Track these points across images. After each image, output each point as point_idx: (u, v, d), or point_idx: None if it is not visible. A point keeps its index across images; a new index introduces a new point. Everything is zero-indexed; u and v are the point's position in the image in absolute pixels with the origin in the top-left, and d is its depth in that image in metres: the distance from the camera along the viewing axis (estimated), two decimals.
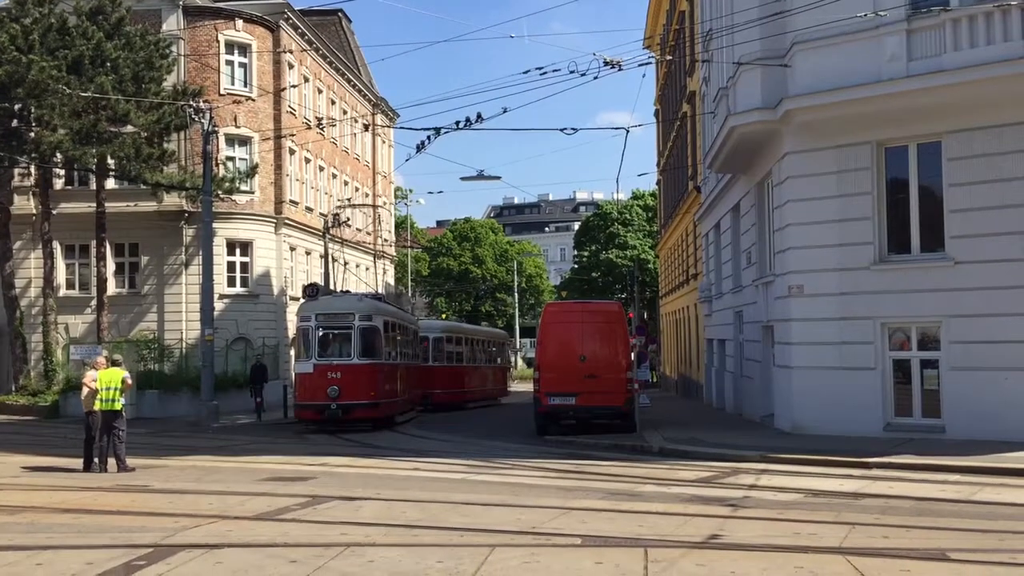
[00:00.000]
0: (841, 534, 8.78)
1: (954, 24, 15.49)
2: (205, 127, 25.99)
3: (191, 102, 27.08)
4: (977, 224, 15.66)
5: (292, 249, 37.18)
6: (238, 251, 34.05)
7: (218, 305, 29.87)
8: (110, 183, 31.17)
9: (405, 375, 26.78)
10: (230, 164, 32.70)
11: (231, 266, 33.85)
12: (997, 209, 15.45)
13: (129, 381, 15.68)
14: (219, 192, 28.98)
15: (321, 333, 23.03)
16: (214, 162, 27.66)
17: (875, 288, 16.66)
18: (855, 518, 9.67)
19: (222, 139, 32.16)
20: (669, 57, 36.26)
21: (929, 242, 16.48)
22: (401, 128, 37.02)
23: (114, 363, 15.81)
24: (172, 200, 32.30)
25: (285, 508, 10.75)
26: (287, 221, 36.12)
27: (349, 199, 43.50)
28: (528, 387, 48.87)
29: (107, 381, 15.16)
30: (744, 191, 22.41)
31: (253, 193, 34.00)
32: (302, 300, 24.95)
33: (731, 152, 20.21)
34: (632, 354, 20.93)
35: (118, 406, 15.17)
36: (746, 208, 22.42)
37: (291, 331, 36.20)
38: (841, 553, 7.97)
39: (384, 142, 51.63)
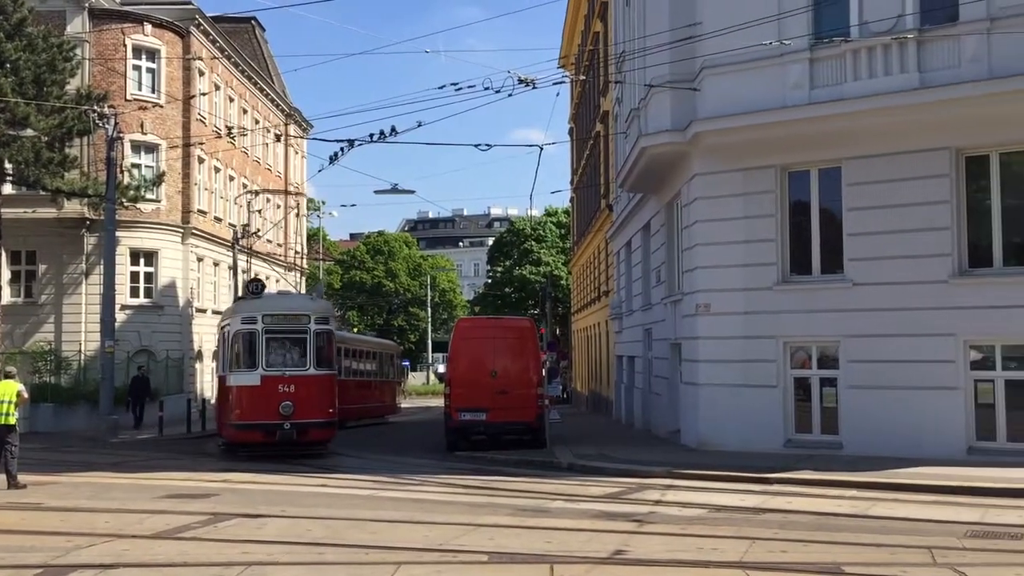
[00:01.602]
0: (742, 549, 8.96)
1: (854, 55, 16.11)
2: (110, 133, 25.29)
3: (95, 107, 26.30)
4: (873, 247, 16.26)
5: (199, 260, 36.33)
6: (142, 261, 33.11)
7: (120, 316, 28.94)
8: (7, 188, 29.93)
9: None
10: (136, 171, 31.81)
11: (135, 276, 32.87)
12: (892, 233, 16.06)
13: (25, 394, 15.12)
14: (123, 200, 28.12)
15: (269, 338, 19.58)
16: (118, 169, 26.89)
17: (778, 308, 17.12)
18: (755, 533, 9.89)
19: (128, 146, 31.25)
20: (583, 77, 36.78)
21: (829, 264, 17.04)
22: (315, 139, 36.59)
23: (7, 375, 15.21)
24: (73, 207, 31.22)
25: (185, 526, 10.47)
26: (195, 231, 35.30)
27: (260, 210, 42.74)
28: (428, 403, 48.61)
29: (0, 394, 14.55)
30: (654, 210, 22.82)
31: (159, 202, 33.16)
32: (240, 298, 20.94)
33: (642, 172, 20.57)
34: (543, 370, 21.08)
35: (12, 420, 14.58)
36: (656, 227, 22.83)
37: (198, 343, 35.38)
38: (741, 568, 8.15)
39: (297, 153, 50.97)
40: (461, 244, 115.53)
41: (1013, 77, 14.47)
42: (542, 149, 22.18)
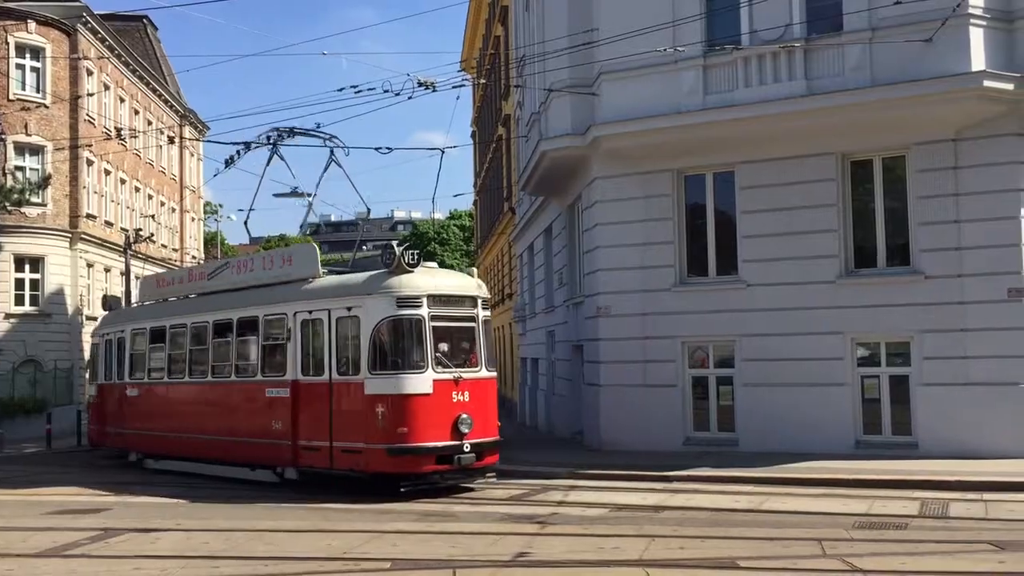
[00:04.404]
0: (642, 547, 9.12)
1: (745, 62, 16.57)
2: None
3: None
4: (764, 249, 16.76)
5: (90, 266, 35.00)
6: (28, 267, 31.73)
7: (4, 325, 27.78)
8: None
9: None
10: (19, 174, 30.47)
11: (19, 283, 31.48)
12: (782, 236, 16.59)
13: None
14: (6, 204, 26.93)
15: (435, 327, 14.17)
16: (1, 171, 25.74)
17: (676, 309, 17.48)
18: (655, 531, 10.08)
19: (10, 147, 29.99)
20: (484, 81, 36.86)
21: (724, 266, 17.48)
22: (211, 141, 35.72)
23: None
24: None
25: (73, 543, 10.08)
26: (84, 236, 33.99)
27: (154, 215, 41.48)
28: None
29: None
30: (556, 213, 23.03)
31: (45, 206, 31.83)
32: (387, 275, 14.31)
33: (543, 175, 20.73)
34: None
35: None
36: (558, 230, 23.04)
37: (88, 352, 34.04)
38: (641, 566, 8.29)
39: (193, 155, 49.67)
40: (364, 247, 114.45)
41: (893, 85, 15.11)
42: (443, 152, 21.80)
